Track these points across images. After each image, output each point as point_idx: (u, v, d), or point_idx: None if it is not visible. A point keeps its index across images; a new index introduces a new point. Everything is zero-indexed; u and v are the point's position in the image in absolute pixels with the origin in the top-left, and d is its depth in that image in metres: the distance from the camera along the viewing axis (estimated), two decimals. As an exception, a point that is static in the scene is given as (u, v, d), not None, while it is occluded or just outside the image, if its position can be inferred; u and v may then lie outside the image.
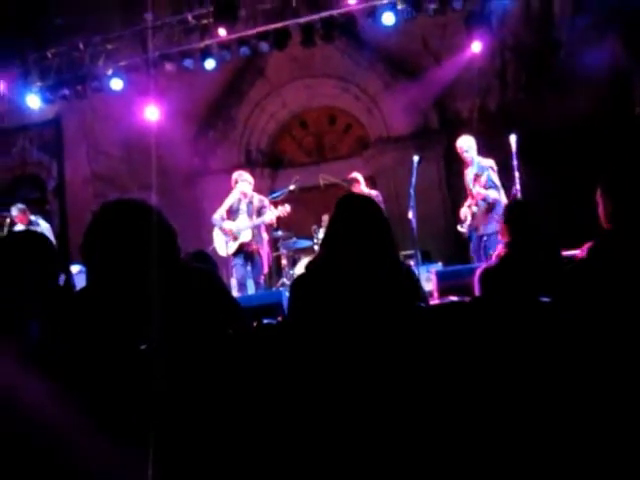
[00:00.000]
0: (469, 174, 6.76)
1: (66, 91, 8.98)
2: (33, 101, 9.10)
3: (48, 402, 1.59)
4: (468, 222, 6.73)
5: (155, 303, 1.70)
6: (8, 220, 7.74)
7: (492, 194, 6.46)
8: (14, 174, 10.80)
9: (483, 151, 6.95)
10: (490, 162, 6.65)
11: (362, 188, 7.56)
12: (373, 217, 2.48)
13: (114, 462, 1.61)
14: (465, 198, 6.89)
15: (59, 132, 10.66)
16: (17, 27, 8.83)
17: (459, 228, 6.86)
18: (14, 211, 7.80)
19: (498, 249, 3.05)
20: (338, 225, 2.49)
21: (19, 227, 7.72)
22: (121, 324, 1.73)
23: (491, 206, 6.49)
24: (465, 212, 6.79)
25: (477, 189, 6.55)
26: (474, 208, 6.67)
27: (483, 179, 6.53)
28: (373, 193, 7.56)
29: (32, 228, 7.65)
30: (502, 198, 6.49)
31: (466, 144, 6.80)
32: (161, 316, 1.68)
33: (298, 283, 2.56)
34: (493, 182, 6.54)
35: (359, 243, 2.38)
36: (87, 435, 1.59)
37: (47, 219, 8.60)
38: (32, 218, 7.90)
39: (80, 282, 6.87)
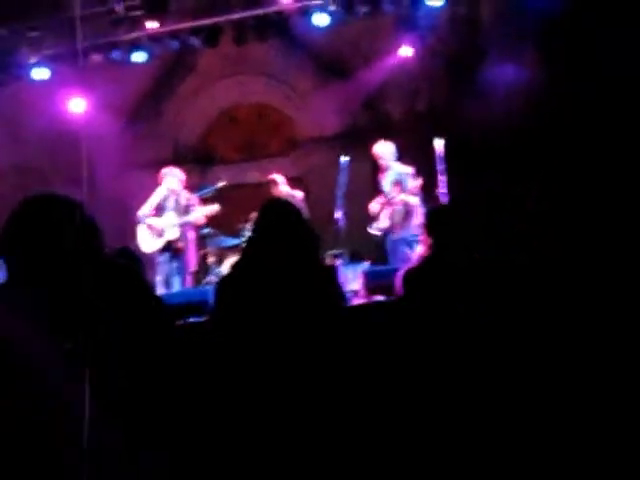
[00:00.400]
0: (385, 179, 6.93)
1: (-15, 78, 8.66)
2: (-50, 88, 8.73)
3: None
4: (382, 226, 6.88)
5: (76, 300, 1.67)
6: None
7: (412, 200, 6.66)
8: None
9: (411, 153, 7.09)
10: (408, 169, 6.82)
11: (281, 189, 7.57)
12: (292, 221, 2.59)
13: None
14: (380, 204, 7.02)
15: (-23, 120, 10.23)
16: None
17: (370, 230, 6.99)
18: None
19: (419, 250, 3.13)
20: (260, 230, 2.60)
21: None
22: (41, 320, 1.70)
23: (410, 212, 6.70)
24: (375, 209, 6.90)
25: (400, 196, 6.70)
26: (391, 212, 6.82)
27: (404, 185, 6.70)
28: (295, 194, 7.59)
29: None
30: (419, 206, 6.69)
31: (382, 151, 6.97)
32: (83, 313, 1.66)
33: (223, 283, 2.64)
34: (413, 189, 6.73)
35: (279, 246, 2.48)
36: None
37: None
38: None
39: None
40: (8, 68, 8.55)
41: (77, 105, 9.04)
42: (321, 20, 7.84)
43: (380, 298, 5.27)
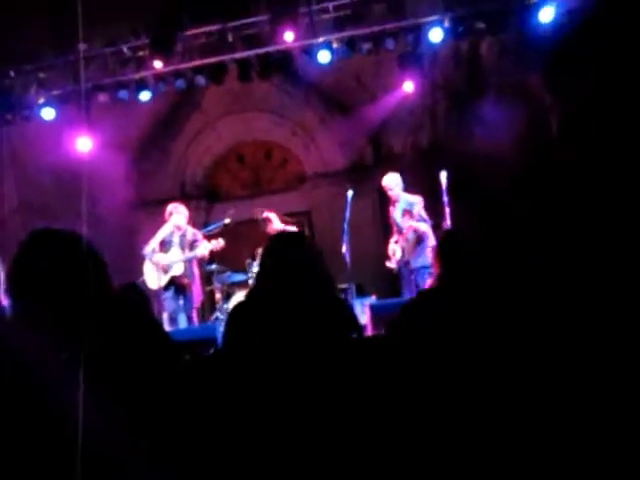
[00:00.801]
0: (396, 210, 6.95)
1: (-6, 118, 8.77)
2: (-41, 128, 8.84)
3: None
4: (397, 257, 6.90)
5: (83, 334, 1.67)
6: None
7: (422, 227, 6.70)
8: None
9: (415, 187, 7.12)
10: (417, 198, 6.87)
11: (275, 226, 7.58)
12: (307, 254, 2.57)
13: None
14: (391, 234, 7.07)
15: (-15, 160, 10.33)
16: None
17: (388, 264, 7.02)
18: None
19: (427, 283, 3.11)
20: (271, 260, 2.57)
21: None
22: (47, 356, 1.69)
23: (420, 238, 6.71)
24: (393, 248, 6.96)
25: (408, 222, 6.72)
26: (403, 243, 6.84)
27: (414, 213, 6.73)
28: (290, 230, 7.62)
29: None
30: (430, 232, 6.70)
31: (392, 182, 7.01)
32: (89, 348, 1.65)
33: (235, 312, 2.60)
34: (422, 216, 6.77)
35: (293, 278, 2.45)
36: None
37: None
38: None
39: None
40: (17, 108, 8.66)
41: (84, 144, 9.13)
42: (325, 57, 7.93)
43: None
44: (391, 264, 6.99)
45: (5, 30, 9.10)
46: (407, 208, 6.83)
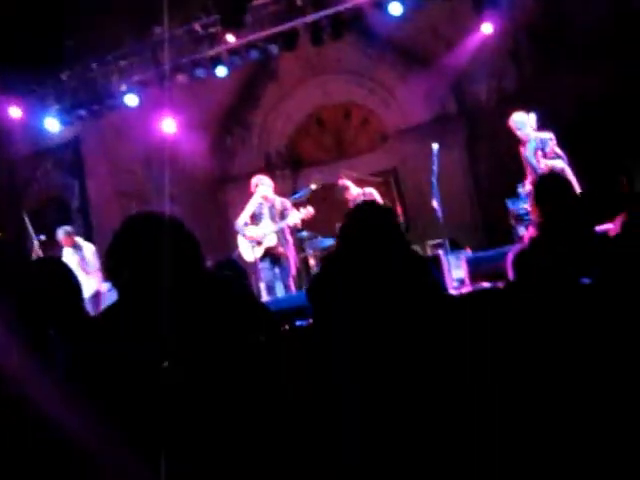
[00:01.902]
0: (527, 151, 6.50)
1: (82, 112, 9.07)
2: (52, 124, 9.20)
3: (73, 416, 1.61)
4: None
5: (180, 314, 1.68)
6: (36, 243, 7.80)
7: (558, 164, 6.17)
8: (39, 198, 10.92)
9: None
10: (549, 134, 6.31)
11: (353, 192, 7.49)
12: (379, 220, 2.54)
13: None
14: (525, 178, 6.62)
15: (79, 153, 10.76)
16: (30, 52, 8.91)
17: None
18: (60, 234, 7.82)
19: (529, 231, 2.96)
20: (348, 236, 2.55)
21: (66, 250, 7.77)
22: (148, 338, 1.72)
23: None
24: (527, 189, 6.48)
25: (543, 162, 6.29)
26: None
27: (547, 151, 6.27)
28: (367, 191, 7.54)
29: (76, 251, 7.72)
30: (568, 169, 6.22)
31: (518, 121, 6.53)
32: (186, 328, 1.67)
33: (316, 284, 2.60)
34: (556, 153, 6.23)
35: (370, 243, 2.43)
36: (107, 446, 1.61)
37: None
38: (77, 240, 7.95)
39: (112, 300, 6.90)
40: (101, 99, 8.93)
41: (168, 126, 9.34)
42: (396, 9, 7.71)
43: (486, 285, 5.11)
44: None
45: (82, 22, 9.37)
46: (539, 146, 6.39)
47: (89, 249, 7.86)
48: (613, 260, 2.28)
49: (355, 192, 7.53)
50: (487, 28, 8.35)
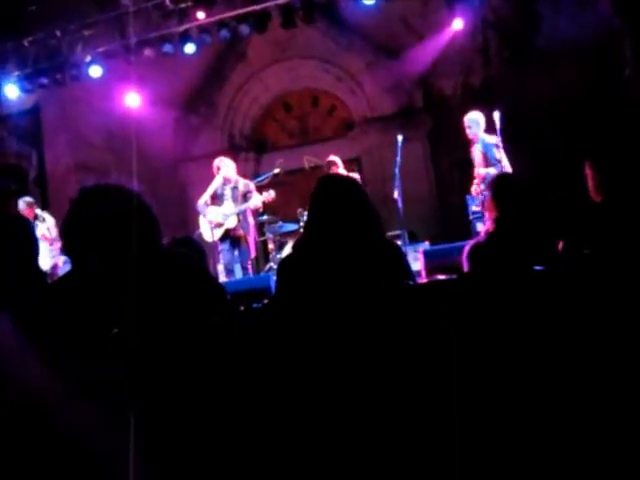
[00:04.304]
0: (475, 151, 6.58)
1: (44, 80, 8.83)
2: (11, 91, 8.95)
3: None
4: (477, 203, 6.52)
5: (133, 288, 1.67)
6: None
7: (492, 172, 6.26)
8: (-6, 165, 10.66)
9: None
10: (495, 139, 6.39)
11: (340, 171, 7.47)
12: (354, 196, 2.50)
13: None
14: (473, 178, 6.68)
15: (38, 121, 10.51)
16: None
17: (475, 208, 6.62)
18: (21, 205, 7.68)
19: (486, 225, 3.03)
20: (320, 206, 2.51)
21: None
22: (99, 310, 1.70)
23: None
24: (475, 190, 6.55)
25: (477, 170, 6.39)
26: (477, 188, 6.44)
27: (489, 156, 6.35)
28: (352, 176, 7.50)
29: (38, 223, 7.56)
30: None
31: (471, 120, 6.60)
32: (137, 302, 1.65)
33: (284, 264, 2.58)
34: (495, 159, 6.34)
35: (342, 222, 2.39)
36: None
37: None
38: (38, 212, 7.80)
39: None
40: (64, 68, 8.72)
41: (132, 100, 9.18)
42: (369, -2, 7.70)
43: (442, 277, 5.18)
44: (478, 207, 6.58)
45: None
46: (483, 150, 6.46)
47: (50, 222, 7.73)
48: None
49: (343, 173, 7.49)
50: (458, 24, 8.41)
